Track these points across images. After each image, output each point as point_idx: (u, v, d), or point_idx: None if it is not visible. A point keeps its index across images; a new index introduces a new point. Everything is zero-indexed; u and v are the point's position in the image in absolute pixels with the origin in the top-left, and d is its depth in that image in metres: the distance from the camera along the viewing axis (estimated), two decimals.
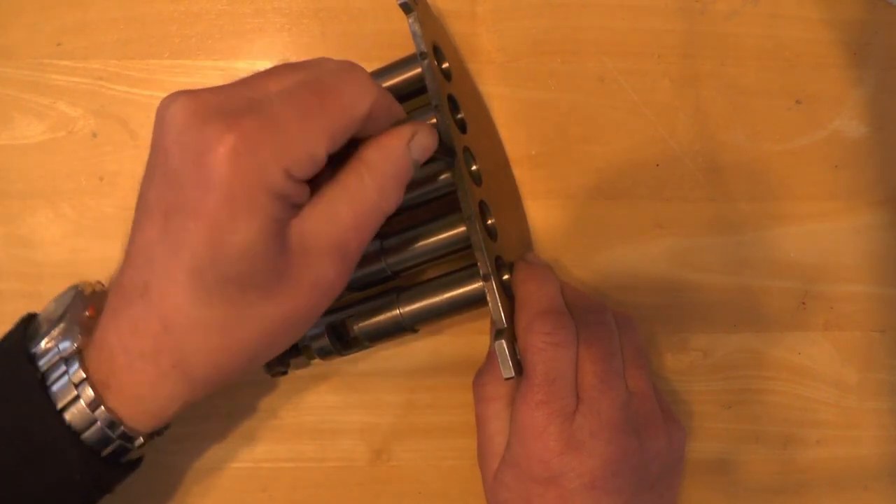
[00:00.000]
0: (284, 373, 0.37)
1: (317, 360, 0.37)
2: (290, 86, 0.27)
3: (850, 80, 0.40)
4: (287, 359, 0.37)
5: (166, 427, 0.32)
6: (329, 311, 0.36)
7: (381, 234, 0.35)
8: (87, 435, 0.29)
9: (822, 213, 0.40)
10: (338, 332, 0.36)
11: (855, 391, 0.39)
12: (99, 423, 0.28)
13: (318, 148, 0.26)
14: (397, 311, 0.35)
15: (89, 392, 0.28)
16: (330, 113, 0.26)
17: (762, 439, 0.39)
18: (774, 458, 0.39)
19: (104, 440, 0.29)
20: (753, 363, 0.39)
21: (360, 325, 0.35)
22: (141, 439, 0.30)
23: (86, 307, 0.30)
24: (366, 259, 0.35)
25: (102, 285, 0.33)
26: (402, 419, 0.39)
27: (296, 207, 0.27)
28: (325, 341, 0.35)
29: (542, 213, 0.40)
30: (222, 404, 0.39)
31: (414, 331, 0.36)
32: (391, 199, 0.29)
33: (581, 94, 0.40)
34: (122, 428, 0.29)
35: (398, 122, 0.29)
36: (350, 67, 0.28)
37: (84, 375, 0.28)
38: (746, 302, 0.39)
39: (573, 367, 0.32)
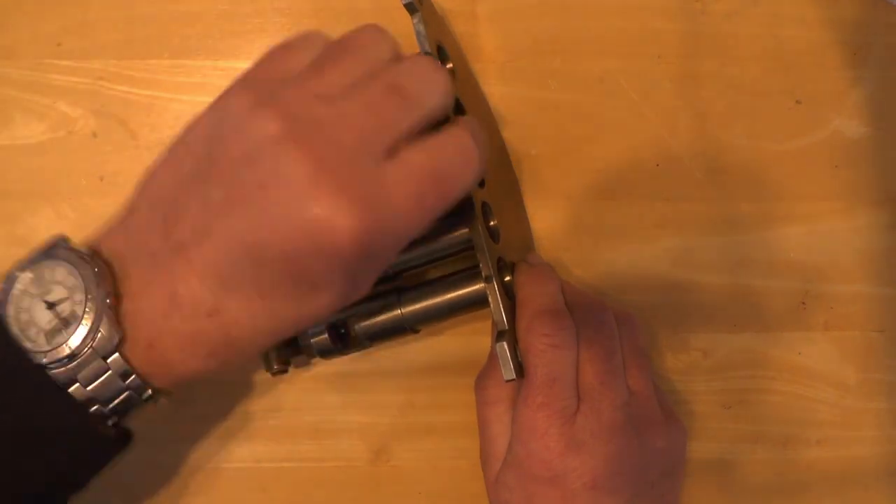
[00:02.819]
0: (285, 371, 0.37)
1: (317, 360, 0.37)
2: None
3: (850, 80, 0.40)
4: (288, 358, 0.37)
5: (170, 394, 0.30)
6: None
7: None
8: (96, 386, 0.27)
9: (822, 213, 0.40)
10: (338, 331, 0.36)
11: (855, 391, 0.39)
12: (111, 371, 0.27)
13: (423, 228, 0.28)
14: (399, 312, 0.35)
15: (136, 381, 0.27)
16: (451, 198, 0.28)
17: (762, 439, 0.39)
18: (774, 458, 0.39)
19: (117, 391, 0.27)
20: (753, 363, 0.39)
21: (362, 324, 0.35)
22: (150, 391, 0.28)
23: (107, 294, 0.27)
24: None
25: (95, 254, 0.29)
26: (402, 419, 0.39)
27: None
28: (325, 340, 0.35)
29: (542, 213, 0.40)
30: (222, 404, 0.39)
31: (415, 331, 0.36)
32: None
33: (581, 94, 0.40)
34: (138, 381, 0.27)
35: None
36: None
37: (132, 372, 0.27)
38: (746, 302, 0.39)
39: (574, 367, 0.32)
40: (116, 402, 0.28)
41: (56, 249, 0.28)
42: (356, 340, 0.36)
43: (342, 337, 0.36)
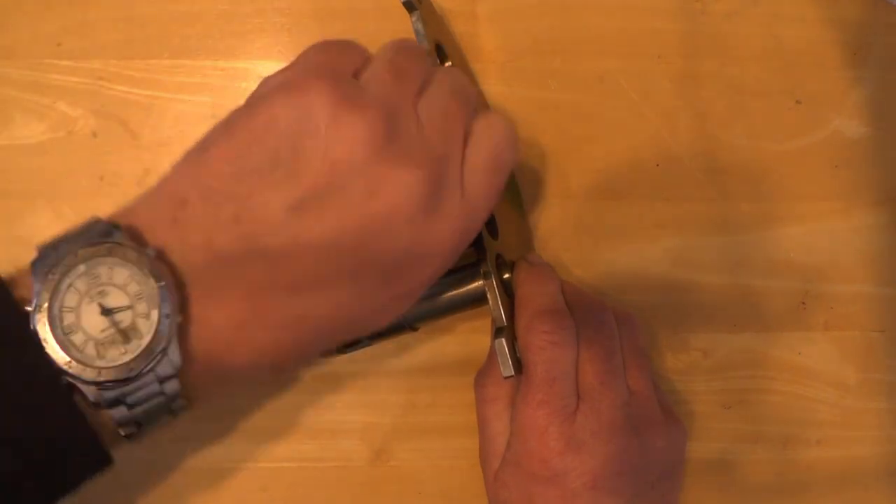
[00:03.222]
0: None
1: (317, 359, 0.37)
2: (484, 157, 0.28)
3: (850, 80, 0.40)
4: None
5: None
6: None
7: None
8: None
9: (822, 213, 0.40)
10: None
11: (855, 391, 0.39)
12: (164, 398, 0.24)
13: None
14: None
15: (178, 399, 0.24)
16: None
17: (762, 439, 0.39)
18: (774, 458, 0.39)
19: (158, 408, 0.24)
20: (753, 363, 0.39)
21: None
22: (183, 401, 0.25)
23: (176, 310, 0.23)
24: None
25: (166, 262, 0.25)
26: (402, 419, 0.39)
27: None
28: None
29: (542, 213, 0.40)
30: (222, 404, 0.39)
31: (414, 329, 0.36)
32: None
33: (581, 94, 0.40)
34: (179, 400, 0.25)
35: None
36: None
37: (181, 393, 0.24)
38: (746, 302, 0.39)
39: (574, 366, 0.32)
40: (146, 416, 0.24)
41: (113, 245, 0.23)
42: (355, 340, 0.36)
43: None
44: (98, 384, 0.23)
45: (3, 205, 0.39)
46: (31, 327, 0.22)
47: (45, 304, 0.22)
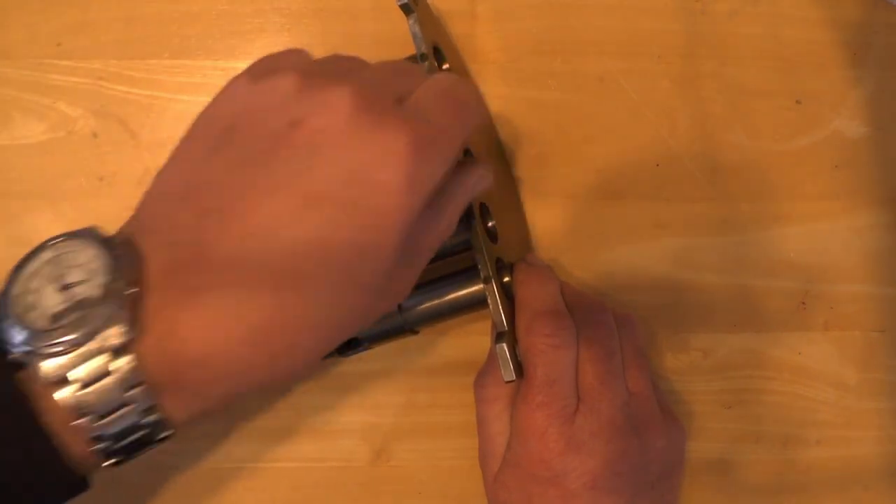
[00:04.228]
0: None
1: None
2: (434, 92, 0.27)
3: (850, 80, 0.40)
4: None
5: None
6: None
7: None
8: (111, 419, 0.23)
9: (822, 213, 0.40)
10: None
11: (855, 391, 0.39)
12: (134, 405, 0.23)
13: (456, 160, 0.26)
14: (398, 313, 0.35)
15: (143, 396, 0.23)
16: (469, 123, 0.27)
17: (762, 439, 0.39)
18: (774, 458, 0.39)
19: (132, 429, 0.23)
20: (753, 363, 0.39)
21: None
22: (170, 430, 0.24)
23: (131, 282, 0.23)
24: None
25: (128, 238, 0.25)
26: (402, 419, 0.39)
27: None
28: None
29: (542, 213, 0.40)
30: None
31: (415, 332, 0.36)
32: (451, 229, 0.28)
33: (581, 94, 0.40)
34: (155, 417, 0.23)
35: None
36: (455, 78, 0.28)
37: (141, 378, 0.23)
38: (746, 302, 0.39)
39: (573, 367, 0.32)
40: (112, 418, 0.23)
41: (84, 231, 0.24)
42: (356, 342, 0.36)
43: None
44: (42, 351, 0.22)
45: (3, 205, 0.39)
46: None
47: (14, 291, 0.23)
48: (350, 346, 0.36)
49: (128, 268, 0.23)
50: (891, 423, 0.39)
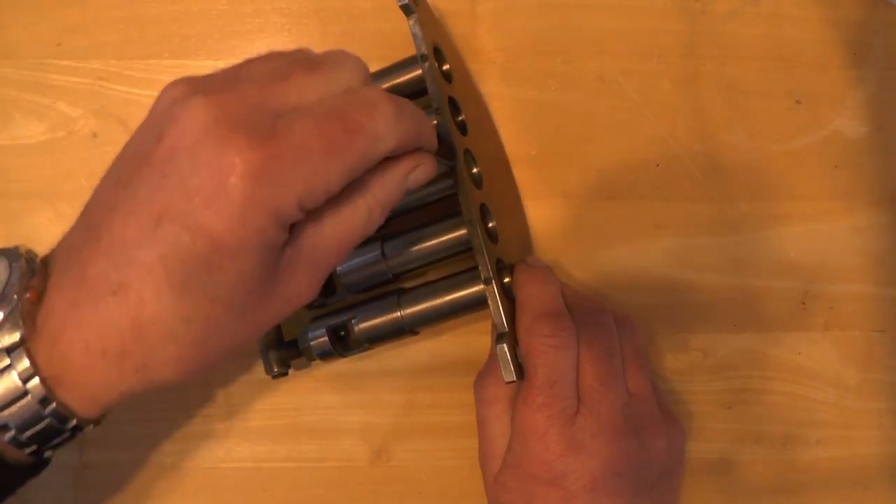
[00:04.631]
0: (285, 374, 0.37)
1: (317, 361, 0.37)
2: (318, 109, 0.26)
3: (850, 80, 0.40)
4: (288, 361, 0.37)
5: (100, 422, 0.29)
6: (330, 314, 0.36)
7: (383, 236, 0.35)
8: (11, 412, 0.26)
9: (822, 213, 0.40)
10: (338, 333, 0.36)
11: (855, 391, 0.39)
12: (30, 396, 0.26)
13: (335, 183, 0.26)
14: (398, 314, 0.35)
15: (39, 388, 0.26)
16: (355, 151, 0.26)
17: (762, 439, 0.39)
18: (774, 458, 0.39)
19: (34, 419, 0.27)
20: (753, 363, 0.39)
21: (361, 326, 0.35)
22: (75, 422, 0.27)
23: (27, 289, 0.27)
24: (367, 262, 0.35)
25: (34, 255, 0.29)
26: (402, 419, 0.39)
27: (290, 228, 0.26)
28: (325, 343, 0.35)
29: (542, 213, 0.40)
30: (222, 404, 0.39)
31: (414, 333, 0.36)
32: (376, 223, 0.28)
33: (581, 94, 0.40)
34: (57, 410, 0.27)
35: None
36: (381, 100, 0.27)
37: (32, 371, 0.26)
38: (746, 302, 0.39)
39: (574, 368, 0.32)
40: (13, 409, 0.26)
41: (9, 249, 0.28)
42: (356, 343, 0.36)
43: (342, 339, 0.36)
44: None
45: (3, 205, 0.39)
46: None
47: None
48: (350, 348, 0.36)
49: (25, 279, 0.27)
50: (891, 423, 0.39)
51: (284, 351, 0.37)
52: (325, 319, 0.36)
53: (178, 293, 0.25)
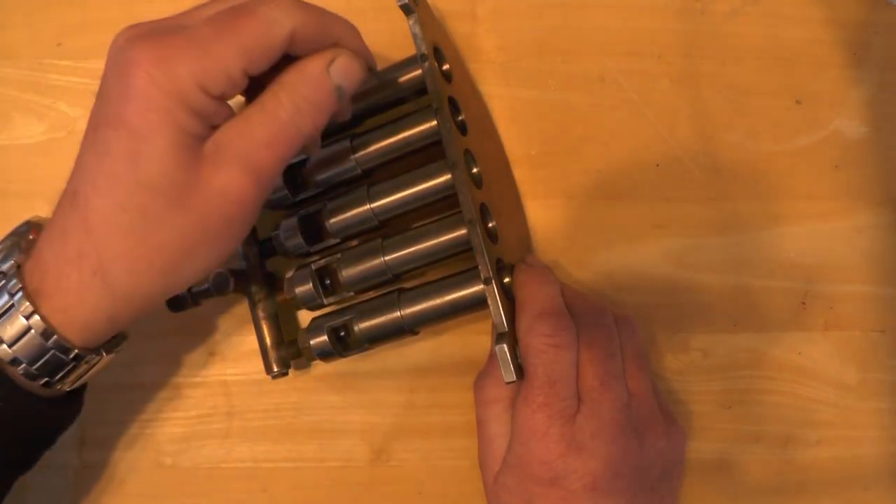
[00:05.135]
0: (285, 374, 0.37)
1: (317, 361, 0.37)
2: (218, 10, 0.29)
3: (850, 80, 0.40)
4: (288, 361, 0.37)
5: (100, 353, 0.31)
6: (330, 314, 0.36)
7: (383, 235, 0.35)
8: (20, 345, 0.29)
9: (822, 213, 0.40)
10: (338, 333, 0.36)
11: (855, 391, 0.39)
12: (33, 330, 0.29)
13: (232, 66, 0.27)
14: (398, 314, 0.35)
15: (25, 303, 0.29)
16: (245, 32, 0.28)
17: (762, 439, 0.39)
18: (774, 458, 0.39)
19: (40, 351, 0.29)
20: (753, 363, 0.39)
21: (361, 326, 0.35)
22: (76, 351, 0.30)
23: (30, 231, 0.32)
24: (367, 261, 0.35)
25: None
26: (402, 419, 0.39)
27: (215, 127, 0.28)
28: (325, 343, 0.35)
29: (542, 213, 0.40)
30: (222, 404, 0.39)
31: (414, 333, 0.36)
32: (308, 120, 0.29)
33: (581, 94, 0.40)
34: (55, 337, 0.29)
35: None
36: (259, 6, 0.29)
37: (20, 285, 0.29)
38: (746, 302, 0.39)
39: (574, 368, 0.32)
40: (22, 342, 0.29)
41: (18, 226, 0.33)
42: (356, 343, 0.36)
43: (342, 339, 0.36)
44: None
45: (3, 205, 0.40)
46: None
47: None
48: (350, 348, 0.36)
49: (25, 231, 0.33)
50: (891, 423, 0.39)
51: (284, 351, 0.37)
52: (325, 319, 0.36)
53: (112, 183, 0.28)
